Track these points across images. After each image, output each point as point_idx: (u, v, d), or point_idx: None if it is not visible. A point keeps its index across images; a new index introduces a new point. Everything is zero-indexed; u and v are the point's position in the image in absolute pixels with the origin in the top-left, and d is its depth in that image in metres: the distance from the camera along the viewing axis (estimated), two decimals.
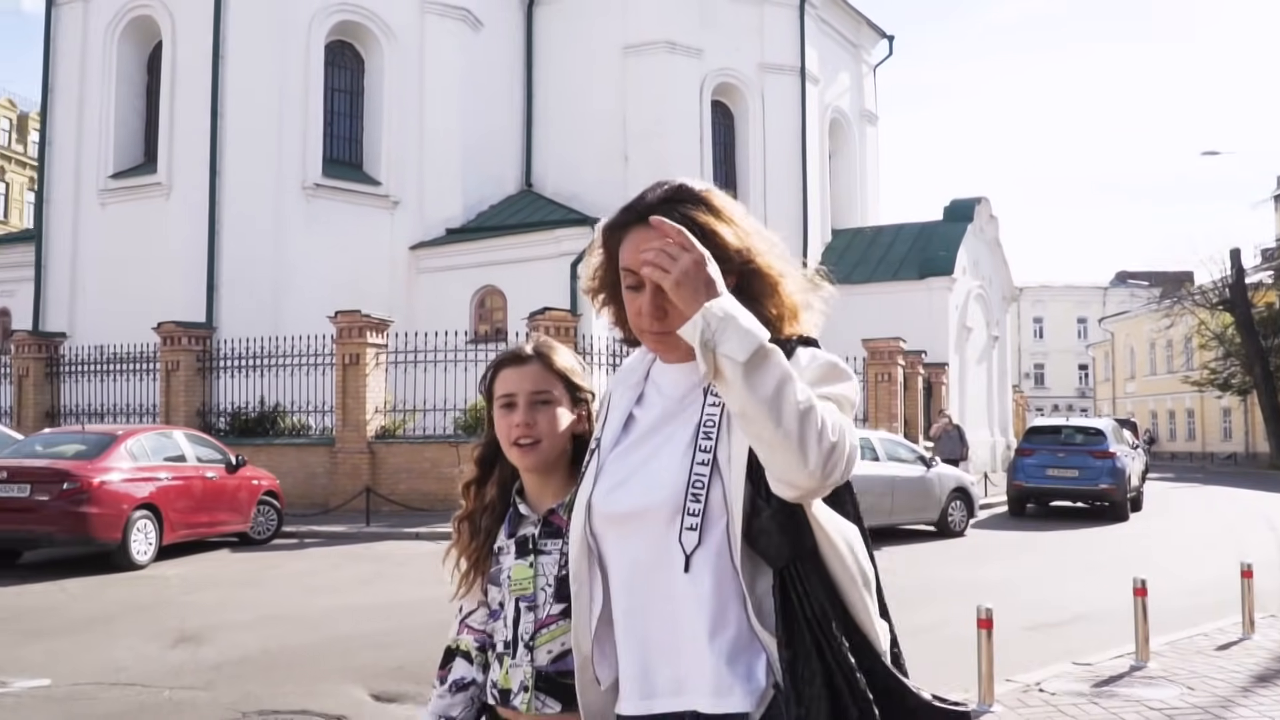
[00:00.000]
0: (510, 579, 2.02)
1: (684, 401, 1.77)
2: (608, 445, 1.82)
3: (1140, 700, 5.55)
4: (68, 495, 10.79)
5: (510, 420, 2.01)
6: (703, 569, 1.65)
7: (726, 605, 1.66)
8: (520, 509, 2.05)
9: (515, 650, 1.99)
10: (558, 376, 2.05)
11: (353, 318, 17.62)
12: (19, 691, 6.39)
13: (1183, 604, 8.96)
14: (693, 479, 1.66)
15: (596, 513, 1.77)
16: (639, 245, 1.70)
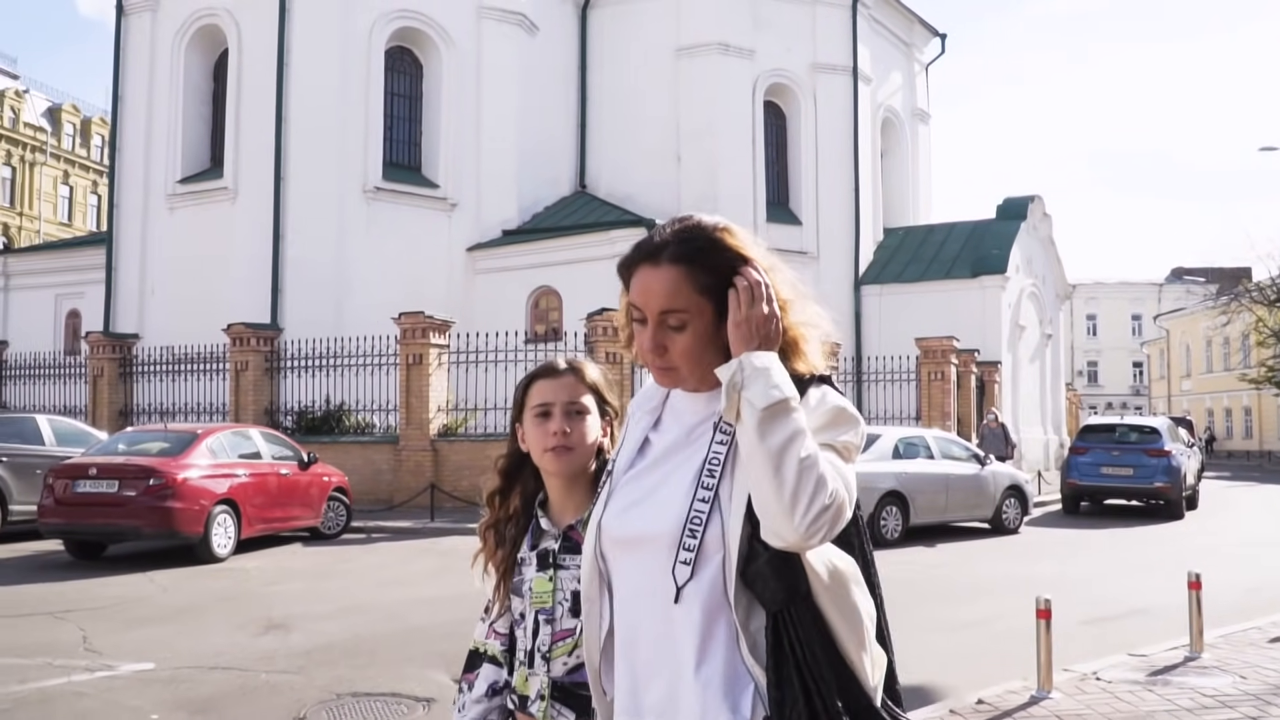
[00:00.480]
0: (531, 591, 2.09)
1: (695, 432, 1.81)
2: (621, 468, 1.87)
3: (1194, 688, 5.77)
4: (154, 491, 11.31)
5: (546, 428, 2.09)
6: (693, 601, 1.69)
7: (716, 638, 1.70)
8: (541, 523, 2.12)
9: (533, 660, 2.07)
10: (589, 389, 2.15)
11: (416, 319, 18.09)
12: (126, 674, 6.83)
13: (1237, 600, 9.11)
14: (691, 513, 1.71)
15: (605, 534, 1.82)
16: (643, 285, 1.76)
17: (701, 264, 1.74)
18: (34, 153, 55.84)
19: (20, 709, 6.00)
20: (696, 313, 1.74)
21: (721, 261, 1.75)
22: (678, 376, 1.79)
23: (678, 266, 1.73)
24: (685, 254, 1.74)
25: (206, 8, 24.89)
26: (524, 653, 2.10)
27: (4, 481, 13.33)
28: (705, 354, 1.77)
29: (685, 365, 1.77)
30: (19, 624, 8.48)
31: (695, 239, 1.76)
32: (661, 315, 1.74)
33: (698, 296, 1.74)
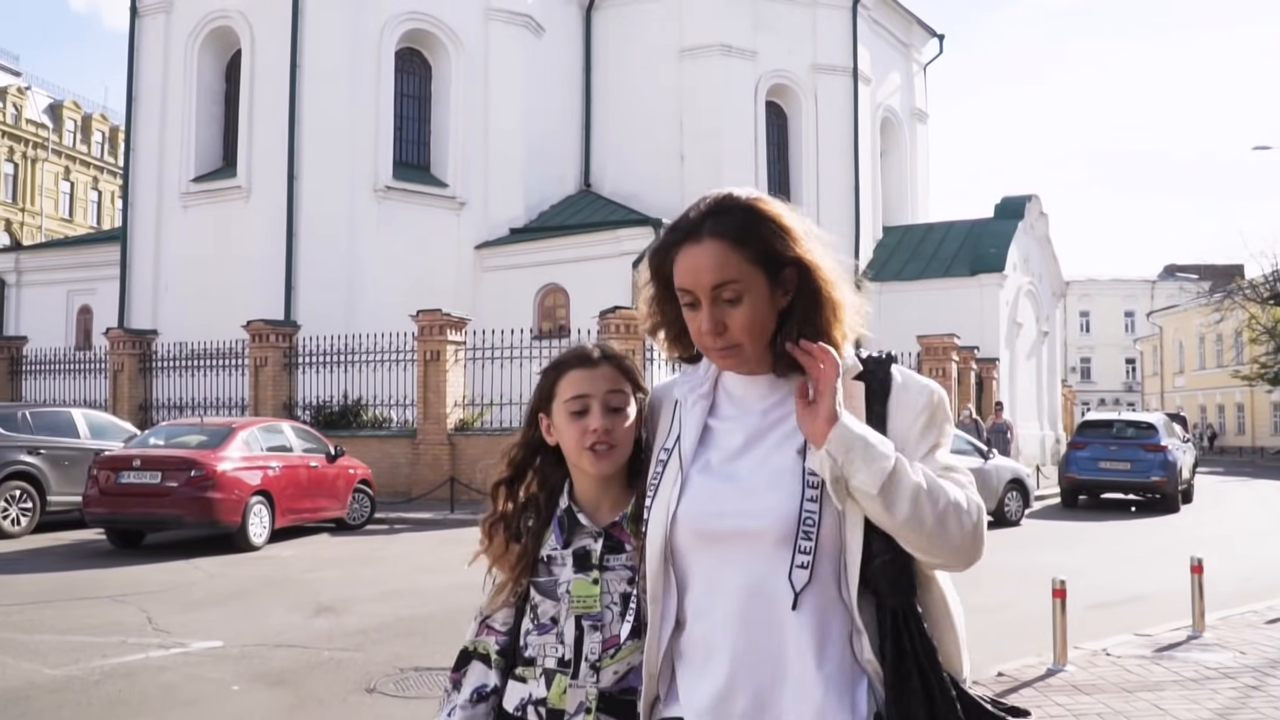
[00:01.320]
0: (571, 595, 1.91)
1: (770, 417, 1.77)
2: (687, 456, 1.78)
3: (1198, 662, 6.28)
4: (195, 482, 11.78)
5: (584, 425, 1.90)
6: (808, 603, 1.65)
7: (830, 637, 1.66)
8: (580, 518, 1.94)
9: (577, 670, 1.89)
10: (628, 379, 1.96)
11: (434, 316, 18.55)
12: (199, 651, 7.29)
13: (1234, 588, 9.59)
14: (804, 515, 1.65)
15: (684, 528, 1.73)
16: (690, 264, 1.71)
17: (744, 236, 1.70)
18: (36, 149, 56.14)
19: (109, 681, 6.46)
20: (750, 282, 1.70)
21: (763, 232, 1.71)
22: (741, 355, 1.74)
23: (721, 240, 1.69)
24: (726, 227, 1.70)
25: (220, 9, 25.30)
26: (557, 661, 1.91)
27: (42, 473, 13.77)
28: (766, 328, 1.74)
29: (748, 341, 1.72)
30: (83, 606, 8.94)
31: (732, 212, 1.72)
32: (715, 290, 1.69)
33: (749, 266, 1.70)
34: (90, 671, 6.67)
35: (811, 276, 1.74)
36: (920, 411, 1.73)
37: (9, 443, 13.60)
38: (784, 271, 1.73)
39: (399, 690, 6.28)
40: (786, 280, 1.73)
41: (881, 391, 1.74)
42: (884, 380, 1.75)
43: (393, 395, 19.52)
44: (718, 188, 1.79)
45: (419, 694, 6.20)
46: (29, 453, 13.75)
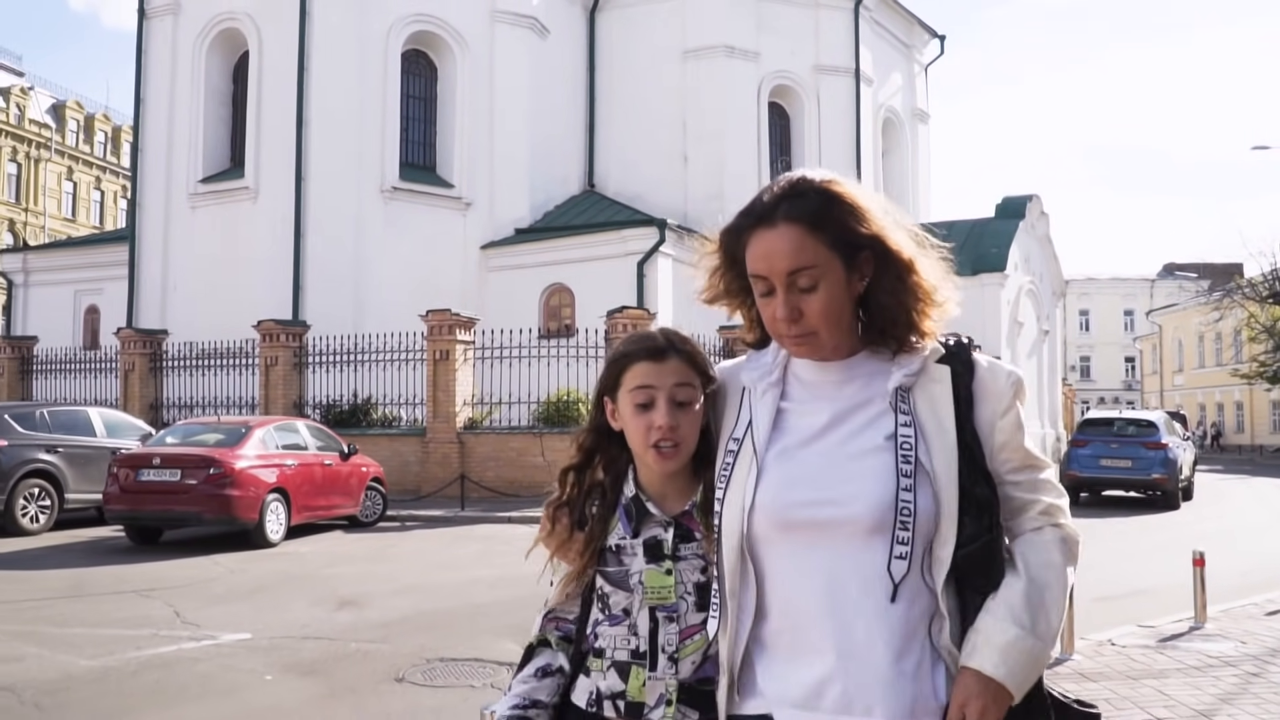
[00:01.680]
0: (645, 586, 1.88)
1: (848, 402, 1.74)
2: (762, 444, 1.74)
3: (1200, 651, 6.50)
4: (214, 480, 12.00)
5: (649, 420, 1.86)
6: (903, 593, 1.65)
7: (918, 626, 1.66)
8: (649, 507, 1.91)
9: (655, 662, 1.87)
10: (696, 370, 1.90)
11: (443, 316, 18.77)
12: (229, 643, 7.50)
13: (1235, 582, 9.79)
14: (900, 504, 1.63)
15: (765, 517, 1.70)
16: (764, 249, 1.68)
17: (819, 220, 1.67)
18: (39, 149, 56.33)
19: (145, 671, 6.67)
20: (826, 268, 1.67)
21: (839, 215, 1.68)
22: (816, 343, 1.71)
23: (796, 224, 1.66)
24: (801, 211, 1.67)
25: (227, 12, 25.51)
26: (631, 654, 1.88)
27: (60, 471, 13.98)
28: (843, 315, 1.71)
29: (824, 328, 1.69)
30: (110, 600, 9.15)
31: (806, 195, 1.69)
32: (791, 276, 1.66)
33: (825, 251, 1.66)
34: (126, 663, 6.88)
35: (891, 260, 1.70)
36: (1004, 397, 1.72)
37: (27, 441, 13.81)
38: (861, 255, 1.69)
39: (427, 680, 6.49)
40: (863, 264, 1.70)
41: (966, 376, 1.73)
42: (968, 363, 1.74)
43: (402, 394, 19.73)
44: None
45: (446, 683, 6.40)
46: (47, 451, 13.97)
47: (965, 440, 1.69)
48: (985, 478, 1.69)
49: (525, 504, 16.14)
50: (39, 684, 6.30)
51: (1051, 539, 1.71)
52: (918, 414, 1.69)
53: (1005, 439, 1.72)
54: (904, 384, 1.71)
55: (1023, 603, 1.63)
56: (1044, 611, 1.64)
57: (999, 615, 1.63)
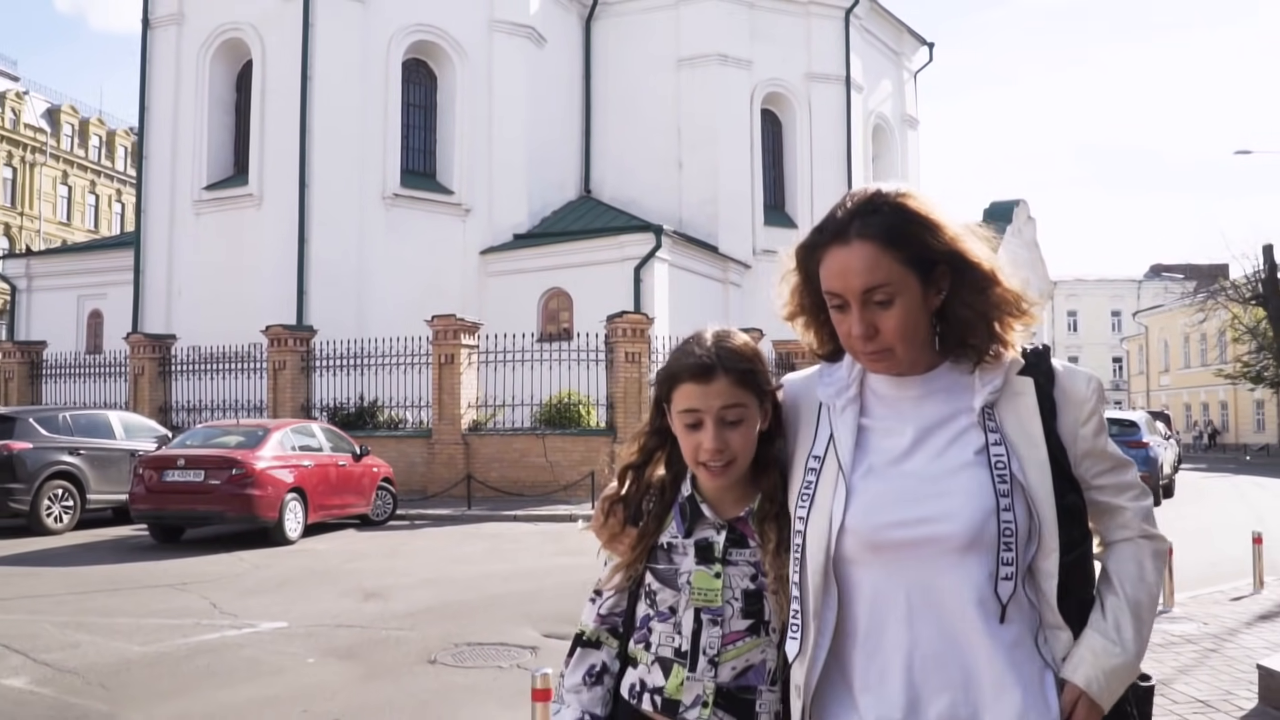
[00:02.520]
0: (691, 586, 1.88)
1: (932, 417, 1.72)
2: (848, 462, 1.72)
3: (1165, 631, 7.09)
4: (236, 480, 12.55)
5: (697, 440, 1.85)
6: (1010, 612, 1.64)
7: (1024, 640, 1.65)
8: (703, 509, 1.91)
9: (695, 663, 1.87)
10: (748, 389, 1.87)
11: (448, 321, 19.33)
12: (268, 630, 8.05)
13: (1203, 572, 10.40)
14: (1002, 524, 1.61)
15: (855, 539, 1.68)
16: (839, 266, 1.67)
17: (894, 237, 1.65)
18: (34, 153, 56.63)
19: (196, 656, 7.22)
20: (902, 284, 1.65)
21: (913, 231, 1.66)
22: (893, 359, 1.70)
23: (870, 242, 1.65)
24: (875, 228, 1.65)
25: (230, 22, 26.04)
26: (674, 652, 1.89)
27: (82, 472, 14.50)
28: (919, 330, 1.70)
29: (900, 345, 1.68)
30: (148, 593, 9.69)
31: (880, 211, 1.67)
32: (866, 294, 1.65)
33: (900, 268, 1.65)
34: (176, 648, 7.42)
35: (969, 273, 1.69)
36: (1086, 403, 1.72)
37: (51, 444, 14.33)
38: (937, 270, 1.68)
39: (457, 661, 7.04)
40: (939, 278, 1.69)
41: (1048, 385, 1.72)
42: (1048, 373, 1.74)
43: (407, 397, 20.29)
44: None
45: (475, 664, 6.96)
46: (69, 453, 14.48)
47: (1052, 450, 1.68)
48: (1073, 485, 1.69)
49: (530, 503, 16.72)
50: (99, 667, 6.84)
51: (1146, 552, 1.72)
52: (1005, 429, 1.68)
53: (1089, 445, 1.71)
54: (989, 401, 1.69)
55: (1127, 623, 1.65)
56: (1141, 632, 1.67)
57: (1106, 637, 1.65)
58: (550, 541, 13.47)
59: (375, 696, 6.26)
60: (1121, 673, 1.64)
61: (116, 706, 5.97)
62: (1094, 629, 1.66)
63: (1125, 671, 1.64)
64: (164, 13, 27.02)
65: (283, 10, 25.13)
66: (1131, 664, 1.65)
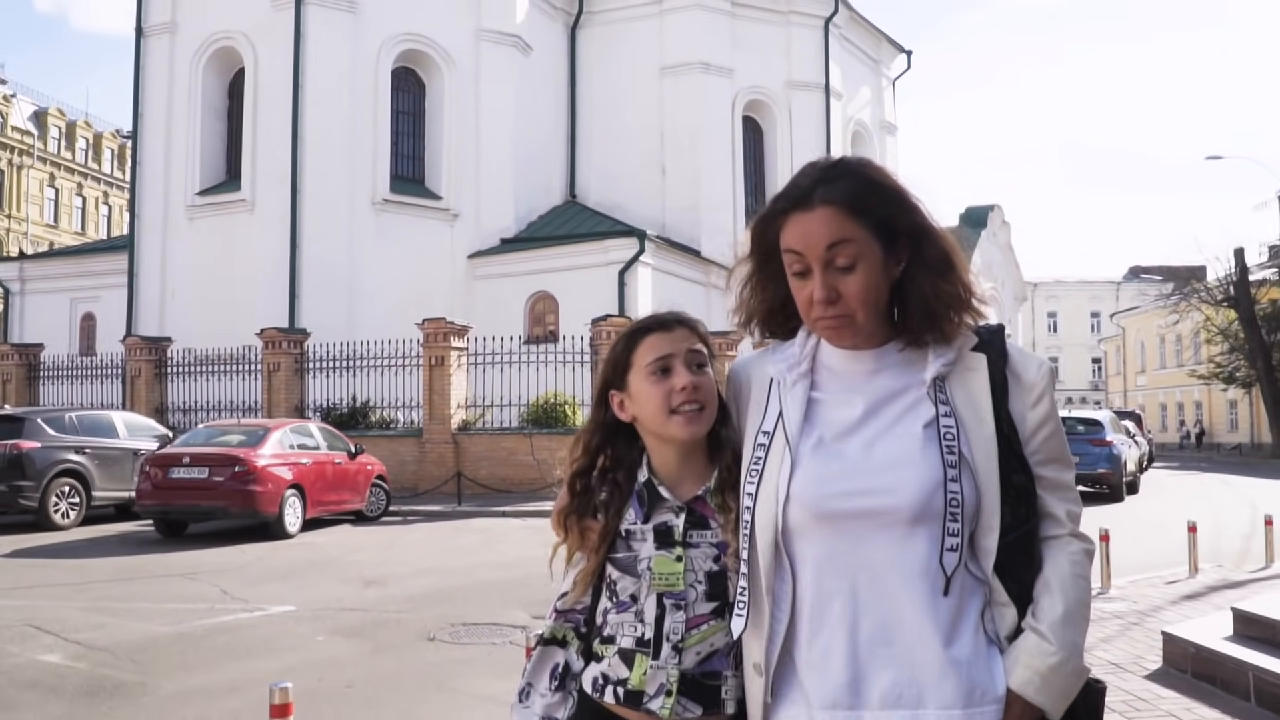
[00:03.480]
0: (652, 572, 1.85)
1: (883, 390, 1.72)
2: (795, 435, 1.71)
3: (1098, 609, 7.80)
4: (239, 476, 13.18)
5: (669, 385, 1.83)
6: (954, 584, 1.63)
7: (970, 615, 1.65)
8: (660, 491, 1.88)
9: (658, 651, 1.83)
10: (704, 341, 1.91)
11: (438, 324, 19.99)
12: (278, 613, 8.70)
13: (1149, 560, 11.10)
14: (949, 495, 1.61)
15: (801, 509, 1.66)
16: (801, 229, 1.65)
17: (857, 203, 1.64)
18: (21, 156, 56.92)
19: (214, 635, 7.86)
20: (865, 248, 1.64)
21: (877, 198, 1.66)
22: (852, 327, 1.69)
23: (833, 206, 1.64)
24: (838, 194, 1.64)
25: (223, 31, 26.63)
26: (636, 641, 1.86)
27: (88, 470, 15.10)
28: (880, 298, 1.69)
29: (861, 310, 1.67)
30: (161, 582, 10.32)
31: (844, 178, 1.67)
32: (829, 252, 1.64)
33: (863, 230, 1.64)
34: (195, 629, 8.07)
35: (929, 247, 1.69)
36: (1036, 387, 1.71)
37: (58, 443, 14.92)
38: (899, 240, 1.68)
39: (454, 639, 7.71)
40: (900, 250, 1.68)
41: (1000, 363, 1.72)
42: (1002, 351, 1.73)
43: (398, 398, 20.93)
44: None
45: (470, 641, 7.62)
46: (76, 452, 15.08)
47: (1002, 429, 1.67)
48: (1022, 465, 1.68)
49: (518, 499, 17.40)
50: (127, 645, 7.47)
51: (1077, 551, 1.70)
52: (955, 403, 1.68)
53: (1035, 429, 1.70)
54: (940, 373, 1.69)
55: (1061, 622, 1.63)
56: (1076, 629, 1.65)
57: (1041, 636, 1.63)
58: (538, 535, 14.12)
59: (381, 668, 6.92)
60: (1060, 671, 1.61)
61: (147, 677, 6.60)
62: (1029, 629, 1.64)
63: (1064, 670, 1.61)
64: (157, 21, 27.59)
65: (274, 19, 25.72)
66: (1068, 661, 1.62)
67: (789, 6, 31.53)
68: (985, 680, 1.62)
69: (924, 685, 1.61)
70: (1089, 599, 1.70)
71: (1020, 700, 1.62)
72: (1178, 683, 5.52)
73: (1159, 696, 5.34)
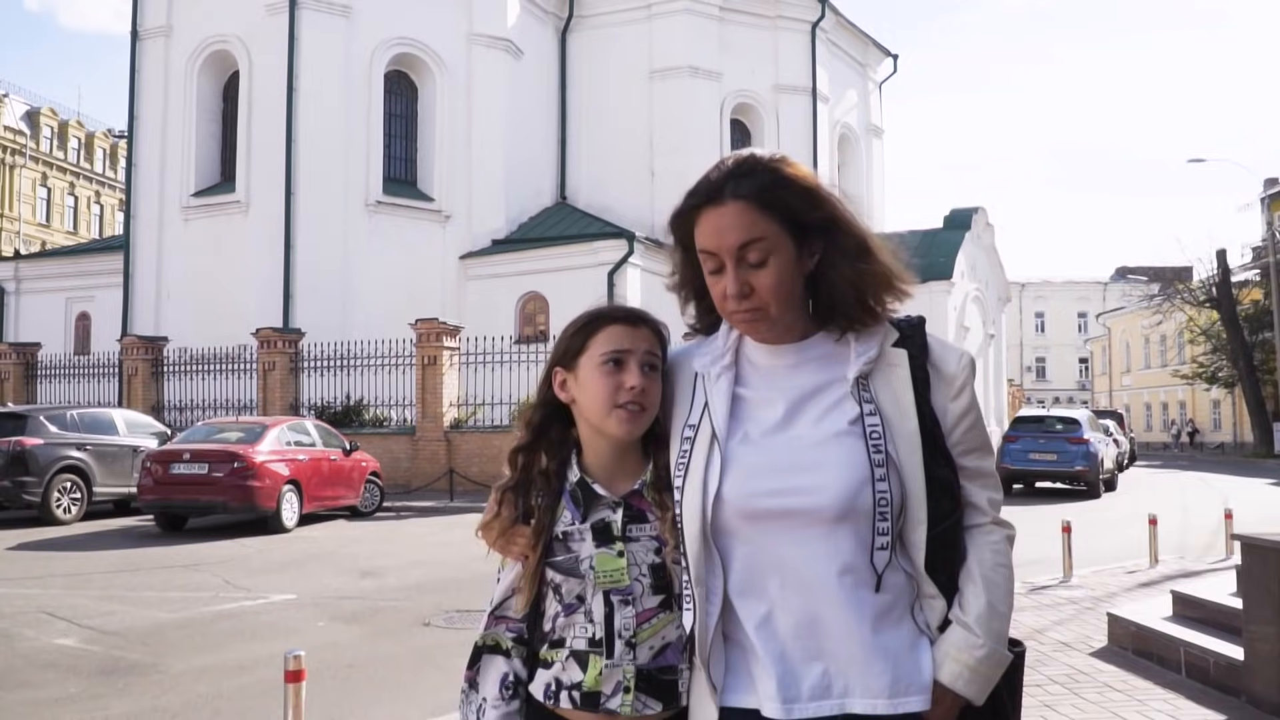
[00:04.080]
0: (595, 570, 1.84)
1: (805, 386, 1.72)
2: (722, 431, 1.72)
3: (1057, 594, 8.29)
4: (238, 473, 13.60)
5: (620, 381, 1.82)
6: (885, 581, 1.65)
7: (898, 609, 1.67)
8: (595, 489, 1.87)
9: (611, 649, 1.83)
10: (661, 346, 1.90)
11: (431, 324, 20.42)
12: (280, 601, 9.11)
13: (1115, 552, 11.60)
14: (877, 494, 1.62)
15: (729, 508, 1.68)
16: (713, 225, 1.66)
17: (768, 198, 1.65)
18: (14, 155, 57.13)
19: (220, 620, 8.28)
20: (776, 243, 1.66)
21: (788, 193, 1.66)
22: (766, 319, 1.70)
23: (743, 201, 1.64)
24: (748, 189, 1.65)
25: (217, 35, 26.98)
26: (588, 642, 1.84)
27: (89, 466, 15.49)
28: (793, 292, 1.70)
29: (775, 304, 1.68)
30: (164, 573, 10.72)
31: (755, 174, 1.67)
32: (741, 250, 1.65)
33: (774, 226, 1.65)
34: (201, 615, 8.49)
35: (843, 240, 1.70)
36: (957, 379, 1.74)
37: (60, 440, 15.31)
38: (811, 234, 1.68)
39: (448, 624, 8.14)
40: (813, 243, 1.69)
41: (921, 357, 1.74)
42: (923, 345, 1.75)
43: (391, 396, 21.36)
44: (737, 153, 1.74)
45: (464, 626, 8.04)
46: (77, 449, 15.47)
47: (925, 423, 1.69)
48: (946, 458, 1.70)
49: None
50: (136, 630, 7.88)
51: (999, 539, 1.73)
52: (879, 400, 1.69)
53: (957, 420, 1.73)
54: (863, 371, 1.70)
55: (986, 613, 1.65)
56: (1001, 618, 1.67)
57: (967, 629, 1.65)
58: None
59: (380, 650, 7.34)
60: (987, 663, 1.64)
61: (159, 658, 7.01)
62: (955, 622, 1.66)
63: (990, 661, 1.65)
64: (152, 24, 27.92)
65: (268, 24, 26.08)
66: (995, 653, 1.65)
67: (776, 11, 31.99)
68: (911, 671, 1.65)
69: (851, 677, 1.64)
70: (1012, 585, 1.72)
71: (950, 693, 1.65)
72: (1118, 658, 5.98)
73: (1099, 670, 5.79)
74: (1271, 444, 40.74)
